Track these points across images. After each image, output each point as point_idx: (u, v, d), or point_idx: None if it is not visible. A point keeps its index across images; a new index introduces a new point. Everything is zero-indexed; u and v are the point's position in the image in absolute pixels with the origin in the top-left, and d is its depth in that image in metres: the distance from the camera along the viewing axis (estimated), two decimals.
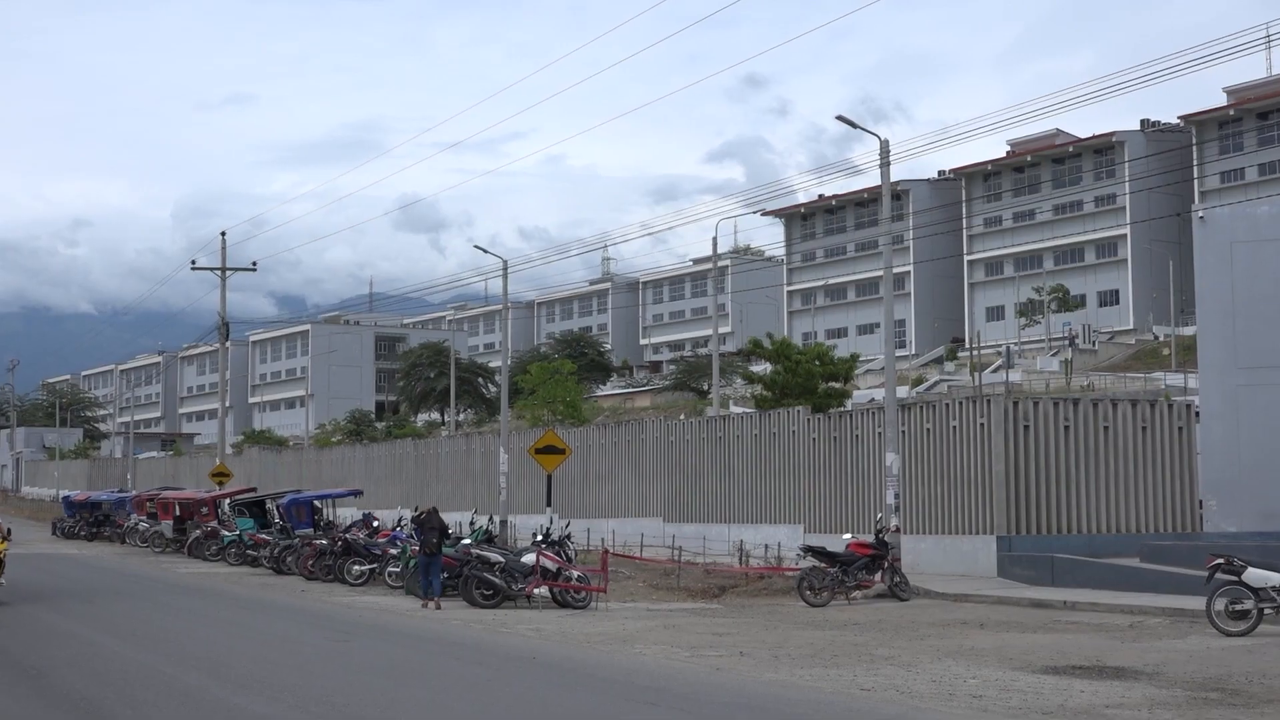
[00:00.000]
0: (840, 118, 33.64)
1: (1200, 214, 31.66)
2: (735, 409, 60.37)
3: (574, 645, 19.92)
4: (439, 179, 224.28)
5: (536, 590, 26.24)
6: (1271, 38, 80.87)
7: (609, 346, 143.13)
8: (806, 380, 46.02)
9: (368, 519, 37.95)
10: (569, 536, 30.43)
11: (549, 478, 36.11)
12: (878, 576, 27.65)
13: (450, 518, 34.08)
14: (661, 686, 15.29)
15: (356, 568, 32.56)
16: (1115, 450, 32.08)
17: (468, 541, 28.73)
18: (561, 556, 27.91)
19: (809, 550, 28.47)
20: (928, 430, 33.16)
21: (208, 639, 20.63)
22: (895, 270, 40.20)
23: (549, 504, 35.20)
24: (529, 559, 26.74)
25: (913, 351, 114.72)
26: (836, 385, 48.32)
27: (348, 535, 34.12)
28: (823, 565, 27.41)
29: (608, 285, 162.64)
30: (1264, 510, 27.56)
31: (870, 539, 28.46)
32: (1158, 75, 31.48)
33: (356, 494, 44.04)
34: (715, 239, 62.25)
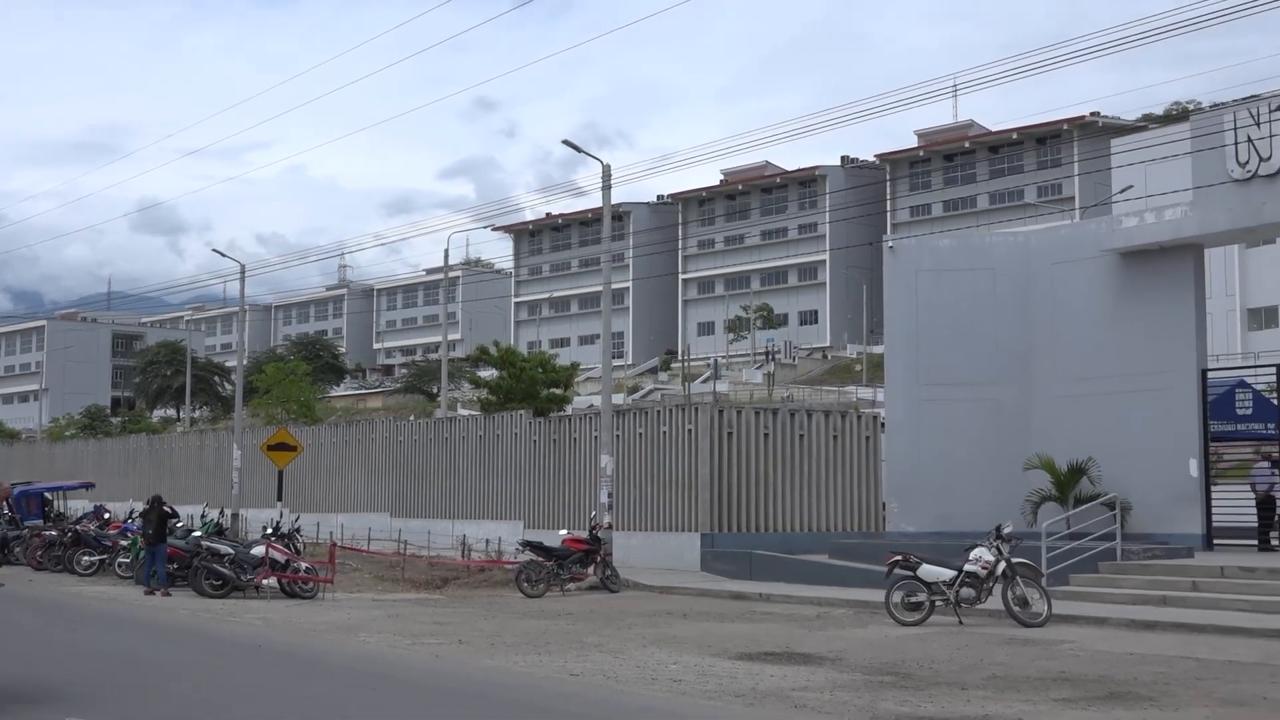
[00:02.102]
0: (566, 142, 33.80)
1: (890, 244, 32.73)
2: (462, 411, 60.06)
3: (300, 634, 19.52)
4: (180, 184, 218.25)
5: (265, 581, 25.65)
6: (958, 87, 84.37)
7: (344, 350, 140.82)
8: (530, 386, 46.19)
9: (99, 511, 36.59)
10: (298, 530, 29.84)
11: (280, 473, 35.37)
12: (591, 570, 27.83)
13: (183, 511, 33.05)
14: (384, 673, 15.09)
15: (86, 558, 31.34)
16: (809, 456, 32.99)
17: (198, 534, 28.04)
18: (290, 549, 27.34)
19: (527, 545, 28.49)
20: (640, 435, 33.56)
21: None
22: (615, 286, 40.54)
23: (280, 499, 34.47)
24: (258, 551, 26.21)
25: (630, 361, 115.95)
26: (558, 391, 48.61)
27: (78, 526, 32.84)
28: (540, 559, 27.46)
29: (344, 291, 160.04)
30: (939, 513, 28.59)
31: (585, 535, 28.63)
32: (858, 116, 32.49)
33: (88, 486, 42.39)
34: (447, 251, 62.00)
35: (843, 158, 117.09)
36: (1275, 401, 29.14)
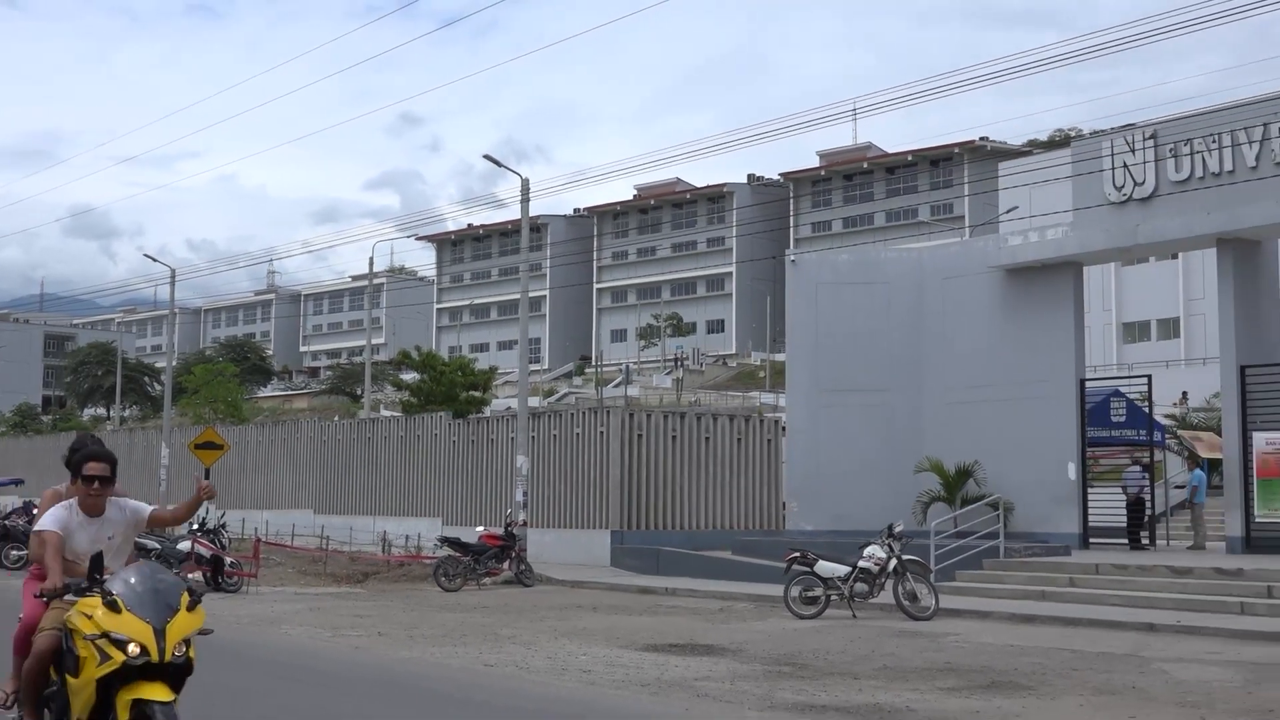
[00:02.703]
0: (487, 157, 33.84)
1: (793, 258, 32.94)
2: (385, 413, 59.59)
3: (224, 626, 19.12)
4: (113, 190, 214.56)
5: (191, 575, 25.20)
6: (858, 111, 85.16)
7: (271, 352, 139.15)
8: (450, 389, 45.95)
9: (28, 507, 35.84)
10: (224, 526, 29.41)
11: (207, 471, 34.81)
12: (506, 565, 27.72)
13: None
14: (306, 664, 14.94)
15: (15, 552, 30.68)
16: (715, 458, 33.08)
17: None
18: (216, 544, 26.96)
19: (445, 541, 28.32)
20: (555, 436, 33.48)
21: None
22: (532, 294, 40.43)
23: None
24: (184, 546, 25.80)
25: (546, 366, 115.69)
26: (477, 394, 48.39)
27: (6, 522, 32.17)
28: (457, 555, 27.28)
29: (272, 296, 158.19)
30: (836, 512, 28.80)
31: (501, 531, 28.51)
32: (764, 137, 32.65)
33: (18, 483, 41.49)
34: (372, 259, 61.84)
35: (749, 176, 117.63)
36: (1146, 410, 29.64)
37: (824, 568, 20.70)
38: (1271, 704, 12.02)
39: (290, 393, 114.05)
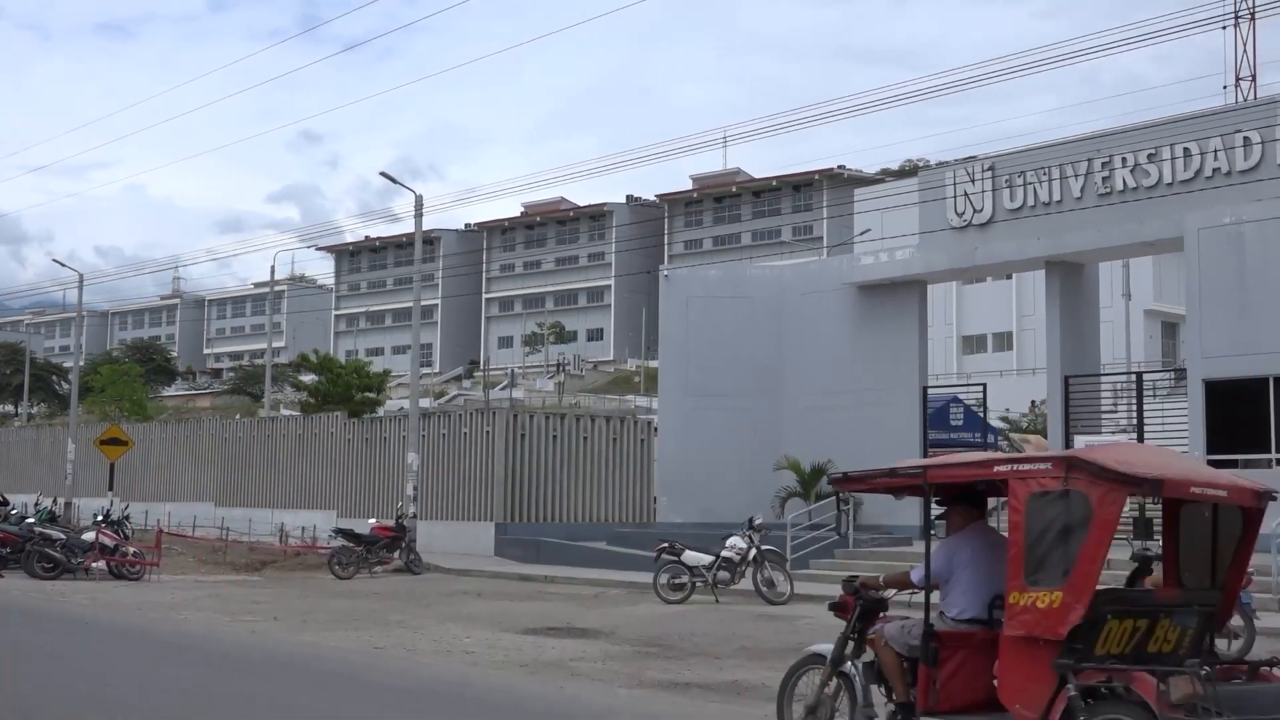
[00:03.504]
0: (384, 174, 33.52)
1: (666, 274, 33.15)
2: (285, 412, 58.66)
3: (126, 612, 18.83)
4: (24, 198, 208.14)
5: (95, 564, 24.65)
6: (728, 139, 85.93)
7: (176, 354, 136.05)
8: (346, 390, 45.39)
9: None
10: (128, 517, 28.76)
11: (112, 466, 33.99)
12: (397, 555, 27.50)
13: (20, 500, 31.57)
14: (205, 647, 14.69)
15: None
16: (592, 456, 33.15)
17: (32, 520, 26.89)
18: (120, 535, 26.39)
19: (340, 532, 28.02)
20: (444, 435, 33.31)
21: None
22: (425, 303, 40.13)
23: (111, 489, 33.13)
24: (89, 536, 25.19)
25: (437, 370, 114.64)
26: (371, 395, 47.83)
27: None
28: (351, 545, 27.02)
29: (177, 301, 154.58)
30: (702, 506, 28.99)
31: (392, 523, 28.27)
32: (642, 160, 32.84)
33: None
34: (273, 267, 60.97)
35: (628, 196, 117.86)
36: (981, 414, 30.32)
37: (690, 557, 20.89)
38: None
39: (194, 392, 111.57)
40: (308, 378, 54.68)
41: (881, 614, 8.67)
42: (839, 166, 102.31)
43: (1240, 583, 7.99)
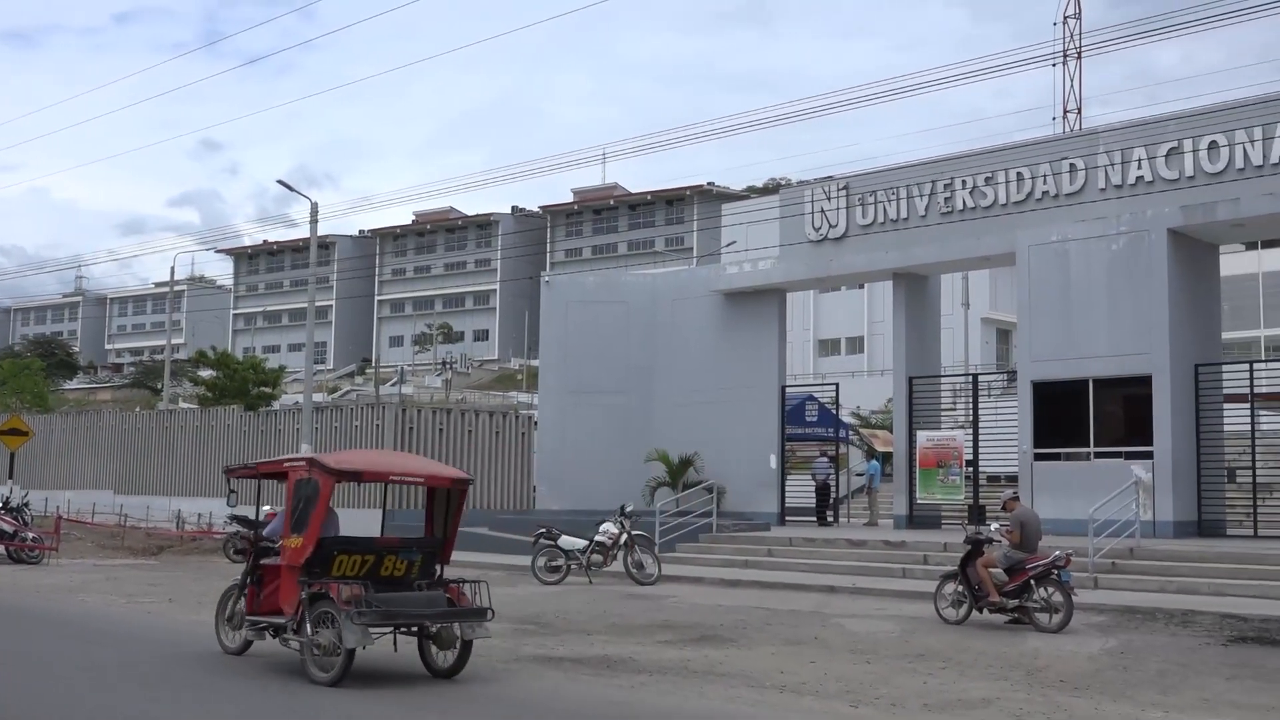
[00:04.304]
0: (280, 181, 32.90)
1: (547, 280, 33.05)
2: (183, 405, 57.23)
3: (24, 594, 18.17)
4: None
5: None
6: (607, 156, 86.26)
7: (78, 349, 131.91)
8: (243, 385, 44.53)
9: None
10: (27, 504, 27.75)
11: (12, 455, 32.84)
12: None
13: None
14: (100, 627, 14.25)
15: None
16: (476, 448, 32.91)
17: None
18: (19, 521, 25.42)
19: (235, 518, 27.27)
20: (336, 428, 32.79)
21: None
22: (320, 304, 39.44)
23: (11, 476, 31.98)
24: None
25: (331, 367, 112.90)
26: (267, 390, 46.97)
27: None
28: (245, 531, 26.39)
29: (79, 299, 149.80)
30: (578, 495, 28.97)
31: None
32: (526, 174, 32.62)
33: None
34: (173, 268, 59.55)
35: (513, 207, 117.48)
36: (834, 411, 30.79)
37: (566, 541, 20.84)
38: (922, 649, 12.67)
39: (95, 386, 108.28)
40: (206, 373, 53.47)
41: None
42: (708, 183, 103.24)
43: (454, 534, 11.49)
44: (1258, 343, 53.43)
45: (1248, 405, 22.72)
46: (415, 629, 10.70)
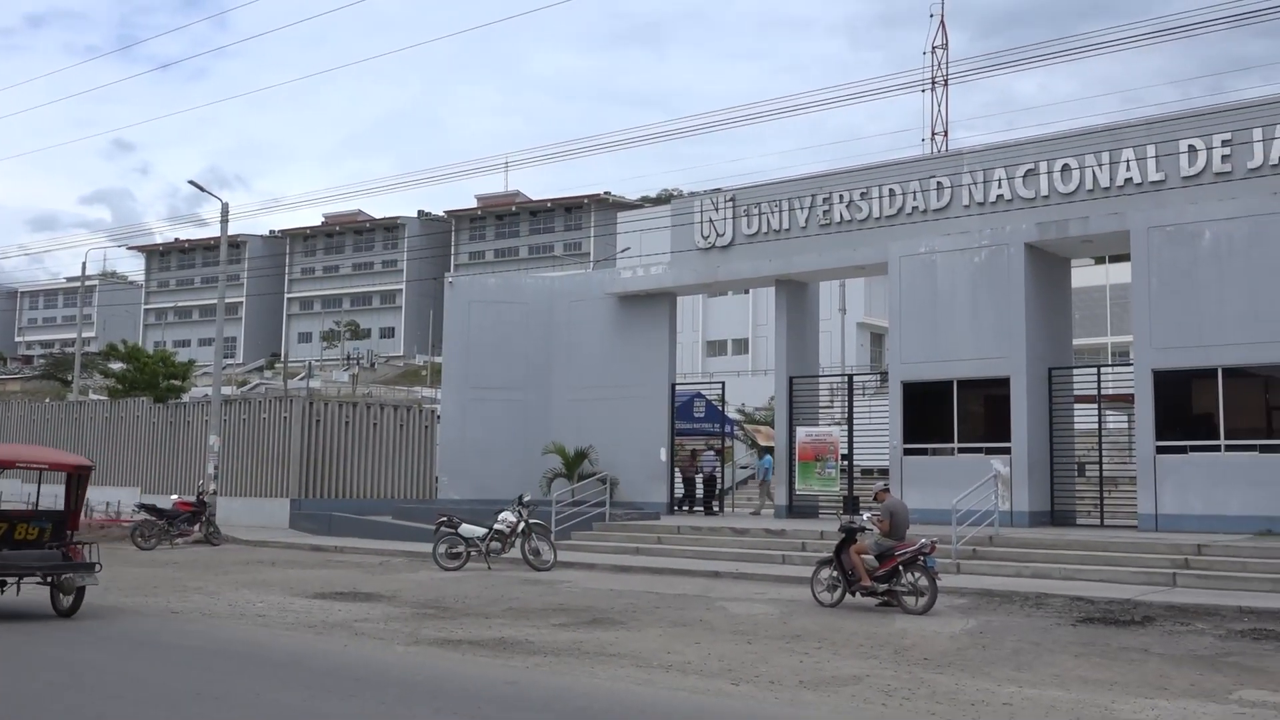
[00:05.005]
0: (192, 182, 32.12)
1: (451, 281, 32.72)
2: (94, 397, 55.43)
3: None
4: None
5: None
6: (509, 164, 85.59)
7: None
8: (153, 378, 43.36)
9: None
10: None
11: None
12: (197, 527, 26.28)
13: None
14: (3, 612, 13.70)
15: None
16: (381, 440, 32.47)
17: None
18: None
19: (143, 507, 26.63)
20: (244, 420, 32.07)
21: None
22: (231, 300, 38.51)
23: None
24: None
25: (241, 361, 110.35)
26: (177, 383, 45.77)
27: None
28: (153, 519, 25.69)
29: None
30: (478, 485, 28.77)
31: (193, 499, 27.03)
32: (432, 180, 32.19)
33: None
34: (85, 264, 57.38)
35: (419, 211, 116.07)
36: (721, 408, 30.98)
37: (466, 529, 20.64)
38: (799, 630, 12.78)
39: (5, 377, 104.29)
40: (116, 366, 51.93)
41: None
42: (605, 193, 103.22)
43: (80, 507, 13.97)
44: (1105, 348, 55.15)
45: (1096, 405, 23.39)
46: (49, 579, 13.09)
